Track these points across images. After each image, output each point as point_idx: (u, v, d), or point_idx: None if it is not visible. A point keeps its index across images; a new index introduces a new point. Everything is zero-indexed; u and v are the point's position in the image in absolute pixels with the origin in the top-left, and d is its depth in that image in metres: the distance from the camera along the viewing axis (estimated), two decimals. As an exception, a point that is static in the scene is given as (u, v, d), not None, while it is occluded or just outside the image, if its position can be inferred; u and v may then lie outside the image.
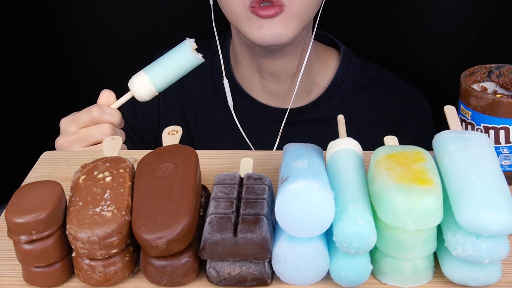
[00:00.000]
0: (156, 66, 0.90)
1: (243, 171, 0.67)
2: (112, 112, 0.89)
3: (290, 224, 0.56)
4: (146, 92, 0.90)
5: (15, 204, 0.58)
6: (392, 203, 0.55)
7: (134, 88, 0.90)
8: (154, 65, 0.91)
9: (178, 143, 0.68)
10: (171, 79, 0.91)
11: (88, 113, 0.88)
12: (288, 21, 0.95)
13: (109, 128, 0.88)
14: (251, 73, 1.11)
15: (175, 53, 0.90)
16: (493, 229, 0.54)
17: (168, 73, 0.90)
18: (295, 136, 1.09)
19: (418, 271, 0.58)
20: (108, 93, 0.91)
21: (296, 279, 0.59)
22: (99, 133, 0.88)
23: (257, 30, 0.95)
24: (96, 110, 0.88)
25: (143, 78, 0.90)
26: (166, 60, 0.90)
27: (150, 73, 0.90)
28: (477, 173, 0.57)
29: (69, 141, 0.88)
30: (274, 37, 0.96)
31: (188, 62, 0.90)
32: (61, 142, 0.89)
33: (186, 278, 0.59)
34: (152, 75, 0.90)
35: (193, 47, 0.89)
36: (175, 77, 0.91)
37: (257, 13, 0.93)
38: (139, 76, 0.90)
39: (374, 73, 1.16)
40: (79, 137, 0.88)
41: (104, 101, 0.91)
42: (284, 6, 0.94)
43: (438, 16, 1.33)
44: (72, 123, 0.89)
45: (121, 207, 0.59)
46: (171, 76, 0.90)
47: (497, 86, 0.81)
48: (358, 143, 0.66)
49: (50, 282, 0.60)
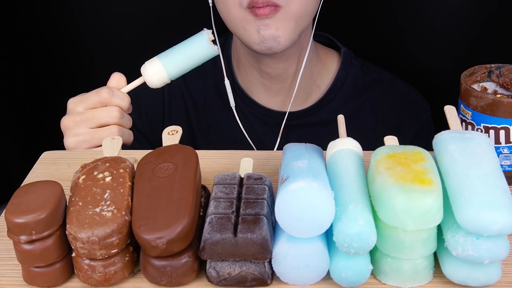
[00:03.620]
0: (171, 54, 0.89)
1: (243, 171, 0.67)
2: (121, 96, 0.88)
3: (290, 224, 0.56)
4: (159, 79, 0.89)
5: (15, 204, 0.58)
6: (392, 203, 0.55)
7: (147, 74, 0.89)
8: (168, 52, 0.89)
9: (178, 143, 0.68)
10: (185, 68, 0.90)
11: (97, 94, 0.87)
12: (285, 22, 0.95)
13: (117, 111, 0.87)
14: (252, 73, 1.11)
15: (192, 42, 0.89)
16: (493, 229, 0.54)
17: (182, 62, 0.89)
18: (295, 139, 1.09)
19: (418, 271, 0.58)
20: (119, 76, 0.90)
21: (296, 279, 0.59)
22: (106, 115, 0.87)
23: (255, 33, 0.95)
24: (106, 91, 0.87)
25: (156, 65, 0.89)
26: (181, 49, 0.89)
27: (164, 60, 0.89)
28: (477, 173, 0.57)
29: (75, 121, 0.87)
30: (272, 39, 0.95)
31: (204, 53, 0.89)
32: (67, 121, 0.88)
33: (186, 278, 0.59)
34: (166, 62, 0.88)
35: (210, 38, 0.89)
36: (189, 67, 0.90)
37: (254, 12, 0.93)
38: (153, 62, 0.89)
39: (375, 75, 1.16)
40: (86, 118, 0.87)
41: (114, 84, 0.90)
42: (280, 7, 0.94)
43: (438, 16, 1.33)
44: (80, 103, 0.88)
45: (121, 207, 0.59)
46: (185, 65, 0.89)
47: (497, 86, 0.81)
48: (358, 143, 0.67)
49: (50, 282, 0.60)
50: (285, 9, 0.94)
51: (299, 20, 0.97)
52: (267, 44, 0.96)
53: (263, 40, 0.96)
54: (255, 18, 0.94)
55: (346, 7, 1.31)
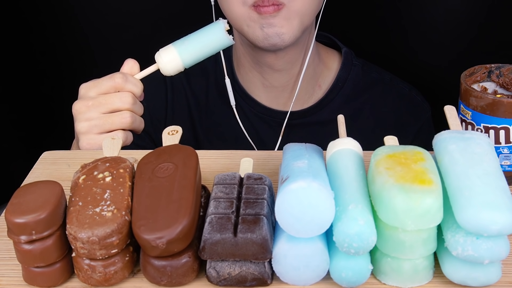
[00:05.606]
0: (187, 42, 0.89)
1: (243, 171, 0.67)
2: (135, 82, 0.88)
3: (290, 224, 0.56)
4: (173, 67, 0.89)
5: (15, 204, 0.58)
6: (392, 203, 0.55)
7: (161, 61, 0.88)
8: (184, 40, 0.89)
9: (178, 143, 0.68)
10: (200, 57, 0.90)
11: (111, 79, 0.87)
12: (288, 19, 0.96)
13: (130, 97, 0.86)
14: (253, 74, 1.11)
15: (207, 31, 0.89)
16: (493, 229, 0.54)
17: (197, 50, 0.89)
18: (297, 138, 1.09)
19: (418, 271, 0.58)
20: (133, 63, 0.90)
21: (296, 279, 0.59)
22: (119, 100, 0.86)
23: (259, 30, 0.96)
24: (120, 77, 0.86)
25: (172, 52, 0.88)
26: (197, 37, 0.89)
27: (180, 47, 0.88)
28: (477, 173, 0.57)
29: (87, 105, 0.86)
30: (276, 36, 0.96)
31: (219, 42, 0.89)
32: (79, 106, 0.87)
33: (186, 278, 0.59)
34: (182, 50, 0.88)
35: (226, 27, 0.89)
36: (204, 55, 0.90)
37: (258, 10, 0.94)
38: (168, 50, 0.89)
39: (375, 75, 1.16)
40: (99, 102, 0.86)
41: (127, 70, 0.89)
42: (283, 5, 0.94)
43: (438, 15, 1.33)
44: (92, 88, 0.87)
45: (121, 207, 0.59)
46: (200, 54, 0.89)
47: (497, 86, 0.81)
48: (358, 143, 0.66)
49: (50, 282, 0.60)
50: (288, 6, 0.95)
51: (302, 18, 0.98)
52: (271, 41, 0.97)
53: (267, 37, 0.97)
54: (259, 16, 0.95)
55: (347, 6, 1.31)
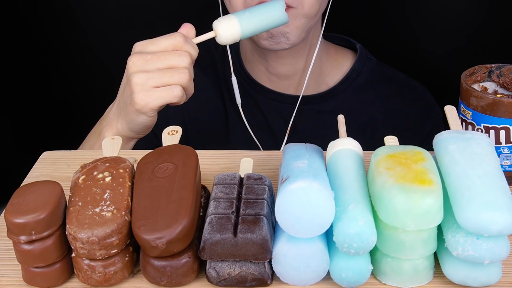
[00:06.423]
0: (248, 13, 0.90)
1: (243, 171, 0.67)
2: (193, 44, 0.87)
3: (290, 224, 0.56)
4: (231, 35, 0.89)
5: (14, 204, 0.58)
6: (392, 203, 0.55)
7: (220, 28, 0.89)
8: (245, 12, 0.91)
9: (178, 143, 0.68)
10: (257, 30, 0.91)
11: (170, 37, 0.85)
12: (294, 20, 0.96)
13: (188, 57, 0.85)
14: (260, 69, 1.11)
15: (268, 7, 0.91)
16: (493, 229, 0.54)
17: (257, 22, 0.90)
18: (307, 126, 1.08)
19: (418, 271, 0.58)
20: (189, 27, 0.89)
21: (296, 279, 0.59)
22: (179, 58, 0.84)
23: None
24: (180, 35, 0.85)
25: (232, 21, 0.89)
26: (257, 11, 0.91)
27: (240, 18, 0.89)
28: (478, 173, 0.57)
29: (145, 59, 0.84)
30: (281, 35, 0.97)
31: (277, 19, 0.91)
32: (136, 59, 0.85)
33: (186, 279, 0.59)
34: (243, 20, 0.89)
35: (284, 6, 0.91)
36: (261, 29, 0.91)
37: None
38: (229, 18, 0.90)
39: (390, 72, 1.16)
40: (158, 57, 0.84)
41: (184, 33, 0.88)
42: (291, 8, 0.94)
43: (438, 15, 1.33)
44: (150, 44, 0.86)
45: (121, 207, 0.59)
46: (258, 27, 0.91)
47: (498, 86, 0.80)
48: (358, 143, 0.66)
49: (50, 282, 0.60)
50: (297, 9, 0.96)
51: (308, 18, 0.98)
52: (276, 40, 0.98)
53: (271, 36, 0.97)
54: None
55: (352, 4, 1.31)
